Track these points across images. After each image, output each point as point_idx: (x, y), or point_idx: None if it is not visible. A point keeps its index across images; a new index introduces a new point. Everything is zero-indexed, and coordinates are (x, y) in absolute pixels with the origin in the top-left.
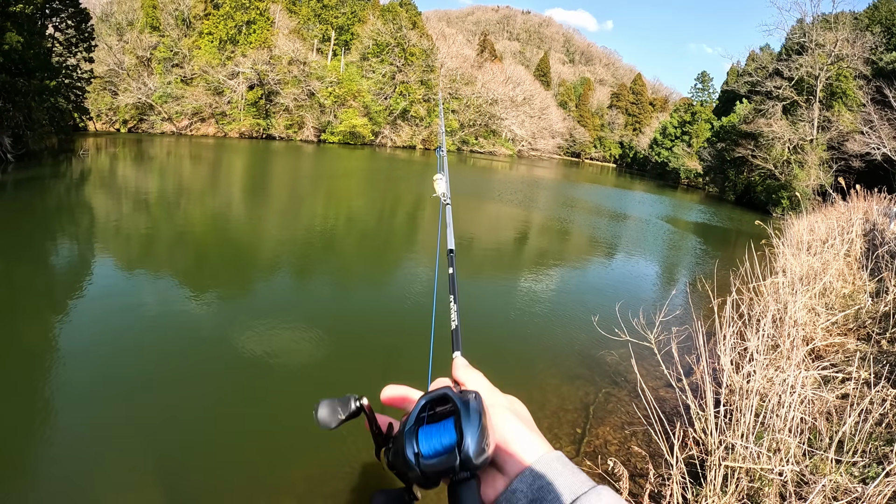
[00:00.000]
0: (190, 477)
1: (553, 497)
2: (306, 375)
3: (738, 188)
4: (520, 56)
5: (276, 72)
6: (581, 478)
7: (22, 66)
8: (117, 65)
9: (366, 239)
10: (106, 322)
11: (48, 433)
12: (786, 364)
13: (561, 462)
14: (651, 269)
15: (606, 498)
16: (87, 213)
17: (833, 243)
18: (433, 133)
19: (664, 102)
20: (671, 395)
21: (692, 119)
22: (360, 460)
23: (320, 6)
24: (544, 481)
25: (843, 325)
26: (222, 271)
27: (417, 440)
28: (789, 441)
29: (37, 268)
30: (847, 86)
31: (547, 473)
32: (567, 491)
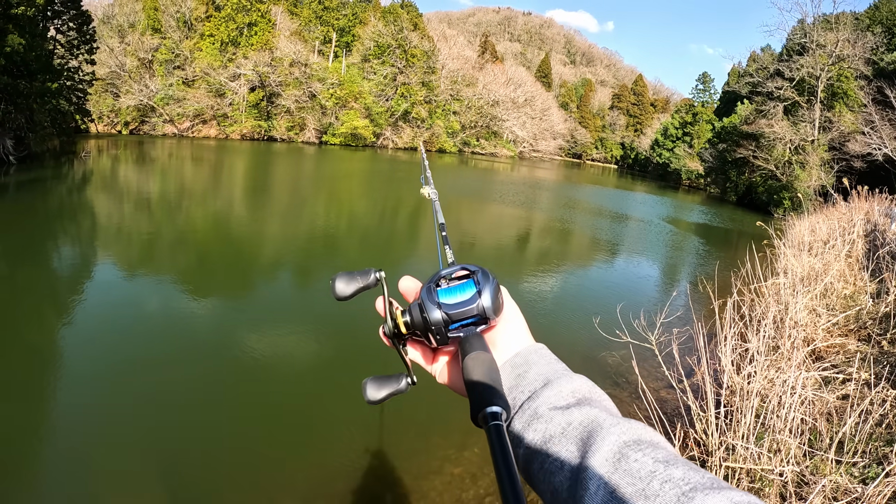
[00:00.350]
0: (192, 477)
1: (527, 383)
2: (309, 376)
3: (740, 189)
4: (521, 57)
5: (277, 73)
6: (557, 367)
7: (24, 68)
8: (119, 67)
9: (368, 240)
10: (108, 323)
11: (50, 433)
12: (786, 365)
13: (538, 354)
14: (652, 270)
15: (580, 382)
16: (89, 215)
17: (834, 244)
18: (434, 135)
19: (665, 103)
20: (672, 395)
21: (693, 120)
22: (365, 462)
23: (321, 8)
24: (521, 370)
25: (843, 325)
26: (224, 273)
27: (439, 298)
28: (790, 442)
29: (39, 270)
30: (848, 86)
31: (524, 364)
32: (541, 378)
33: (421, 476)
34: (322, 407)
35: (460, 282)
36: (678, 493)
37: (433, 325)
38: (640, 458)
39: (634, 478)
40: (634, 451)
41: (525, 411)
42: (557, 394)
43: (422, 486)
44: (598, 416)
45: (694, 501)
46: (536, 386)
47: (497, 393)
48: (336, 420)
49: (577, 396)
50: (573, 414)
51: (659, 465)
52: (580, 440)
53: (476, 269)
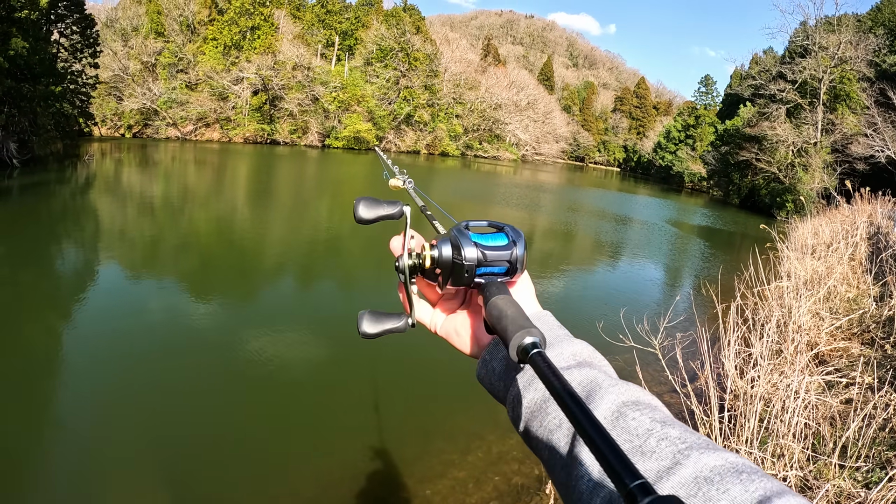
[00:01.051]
0: (195, 479)
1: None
2: (312, 379)
3: (742, 191)
4: (523, 60)
5: (280, 77)
6: (559, 332)
7: (27, 71)
8: (122, 70)
9: (371, 241)
10: (111, 326)
11: (53, 435)
12: (790, 369)
13: (542, 320)
14: (656, 274)
15: (579, 346)
16: (93, 218)
17: (837, 247)
18: (437, 138)
19: (668, 106)
20: (676, 400)
21: (696, 123)
22: (368, 465)
23: (324, 11)
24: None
25: (847, 329)
26: (228, 276)
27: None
28: (793, 446)
29: (42, 272)
30: (850, 88)
31: None
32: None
33: (425, 480)
34: (325, 409)
35: (493, 231)
36: (674, 451)
37: (467, 261)
38: (637, 416)
39: (632, 435)
40: (632, 410)
41: (526, 372)
42: (558, 355)
43: (425, 491)
44: (598, 376)
45: (689, 458)
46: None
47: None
48: (339, 423)
49: (577, 359)
50: (573, 374)
51: (656, 423)
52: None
53: (506, 226)
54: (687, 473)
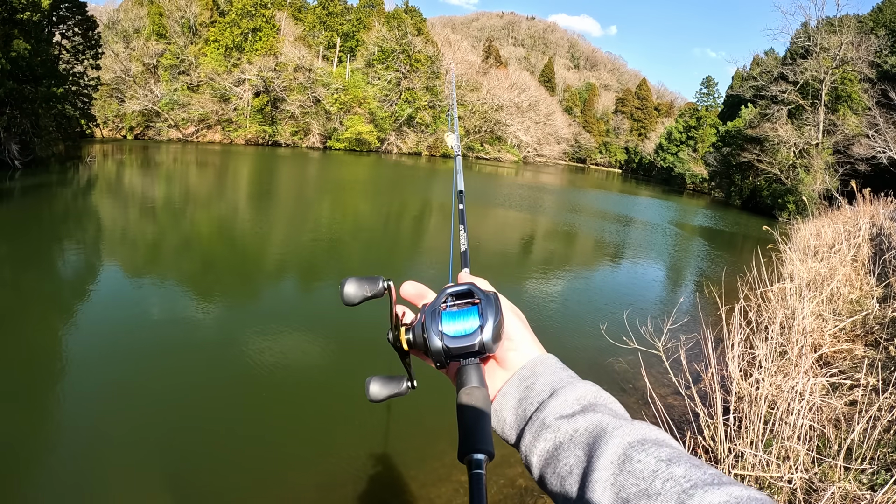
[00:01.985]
0: (198, 481)
1: (535, 394)
2: (315, 381)
3: (744, 193)
4: (524, 62)
5: (281, 79)
6: (563, 375)
7: (29, 73)
8: (124, 72)
9: (373, 244)
10: (113, 328)
11: (55, 436)
12: (794, 371)
13: (545, 364)
14: (658, 275)
15: (582, 389)
16: (94, 220)
17: (840, 248)
18: (438, 140)
19: (669, 107)
20: (679, 402)
21: (697, 124)
22: (371, 469)
23: (326, 13)
24: (529, 382)
25: (850, 331)
26: (230, 278)
27: (442, 323)
28: (798, 448)
29: (44, 274)
30: (852, 89)
31: (531, 375)
32: (548, 388)
33: (428, 483)
34: (327, 411)
35: (465, 306)
36: (679, 491)
37: (433, 353)
38: (643, 458)
39: (637, 478)
40: (638, 452)
41: (534, 422)
42: (563, 403)
43: (429, 494)
44: (602, 420)
45: (694, 498)
46: (543, 396)
47: (483, 438)
48: (341, 425)
49: (581, 403)
50: (578, 421)
51: (661, 463)
52: (587, 445)
53: (481, 297)
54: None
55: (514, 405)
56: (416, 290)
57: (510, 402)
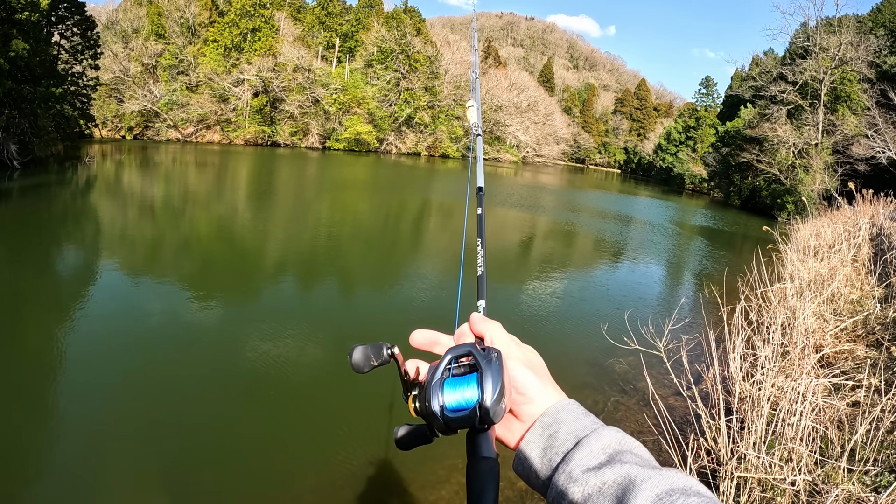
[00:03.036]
0: (197, 485)
1: (559, 444)
2: (315, 382)
3: (743, 193)
4: (524, 62)
5: (280, 79)
6: (586, 422)
7: (28, 73)
8: (123, 72)
9: (372, 243)
10: (112, 328)
11: (55, 437)
12: (796, 372)
13: (567, 411)
14: (659, 276)
15: (607, 437)
16: (93, 220)
17: (840, 248)
18: (437, 140)
19: (668, 108)
20: (681, 403)
21: (696, 124)
22: (371, 471)
23: (325, 13)
24: (552, 430)
25: (851, 331)
26: (230, 278)
27: (443, 393)
28: (801, 450)
29: (43, 274)
30: (851, 89)
31: (553, 423)
32: (572, 436)
33: (428, 485)
34: (327, 413)
35: (465, 372)
36: None
37: (437, 427)
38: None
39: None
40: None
41: (561, 474)
42: (588, 454)
43: (428, 496)
44: (631, 471)
45: None
46: (568, 447)
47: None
48: (342, 426)
49: (607, 453)
50: (606, 474)
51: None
52: (616, 498)
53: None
54: None
55: (538, 454)
56: (426, 339)
57: (534, 451)
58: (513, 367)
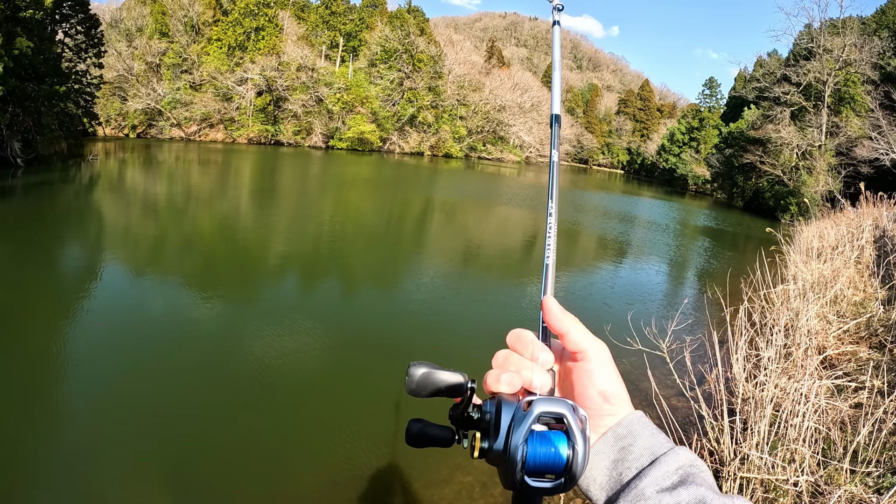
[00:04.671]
0: (198, 484)
1: (634, 458)
2: (317, 382)
3: (747, 194)
4: (527, 62)
5: (284, 78)
6: (660, 439)
7: (32, 71)
8: (126, 70)
9: (375, 241)
10: (115, 326)
11: (57, 433)
12: (799, 373)
13: (641, 423)
14: (662, 276)
15: (684, 457)
16: (97, 218)
17: (843, 250)
18: (441, 140)
19: (672, 108)
20: (684, 404)
21: (700, 125)
22: (373, 469)
23: (328, 13)
24: (626, 442)
25: (854, 333)
26: (233, 277)
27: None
28: (804, 451)
29: (46, 271)
30: (855, 91)
31: (628, 435)
32: (648, 452)
33: (431, 485)
34: (329, 411)
35: (555, 427)
36: None
37: (506, 483)
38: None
39: None
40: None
41: (631, 490)
42: (664, 473)
43: (432, 495)
44: (705, 496)
45: None
46: (643, 463)
47: None
48: (344, 425)
49: (681, 474)
50: (681, 495)
51: None
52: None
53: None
54: None
55: (608, 466)
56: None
57: (604, 462)
58: (606, 371)
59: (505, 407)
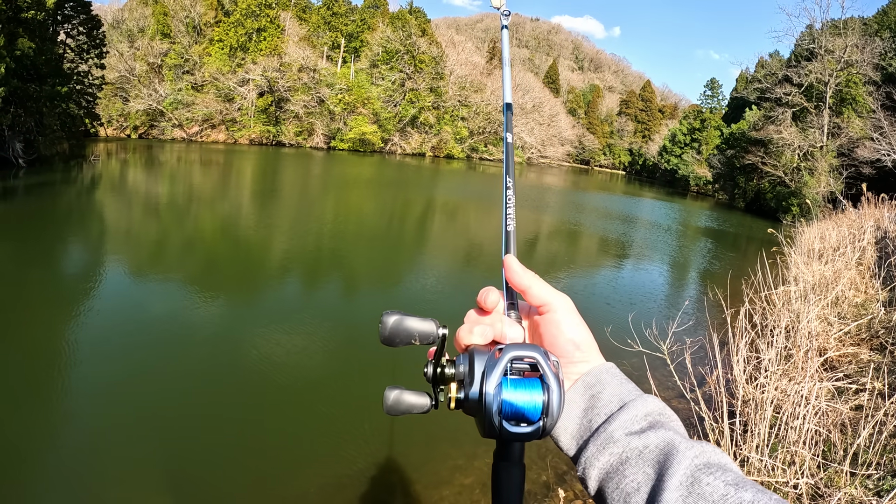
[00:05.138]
0: (200, 484)
1: (603, 404)
2: (318, 383)
3: (748, 195)
4: (529, 63)
5: (286, 79)
6: (629, 387)
7: (34, 71)
8: (128, 71)
9: (377, 241)
10: (117, 327)
11: (59, 433)
12: (799, 375)
13: (611, 373)
14: (663, 277)
15: (653, 404)
16: (99, 219)
17: (844, 251)
18: (442, 140)
19: (673, 109)
20: (684, 405)
21: (701, 126)
22: (374, 470)
23: (330, 14)
24: (595, 390)
25: (855, 334)
26: (234, 276)
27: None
28: (804, 453)
29: (48, 271)
30: (857, 92)
31: (597, 384)
32: (616, 399)
33: (430, 486)
34: (330, 412)
35: (529, 375)
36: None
37: (485, 431)
38: (711, 481)
39: (707, 501)
40: (706, 475)
41: (600, 434)
42: (632, 417)
43: (431, 497)
44: (673, 438)
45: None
46: (612, 409)
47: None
48: (344, 426)
49: (649, 420)
50: (649, 437)
51: (730, 488)
52: (656, 463)
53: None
54: None
55: (578, 414)
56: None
57: (574, 411)
58: (572, 320)
59: (478, 357)
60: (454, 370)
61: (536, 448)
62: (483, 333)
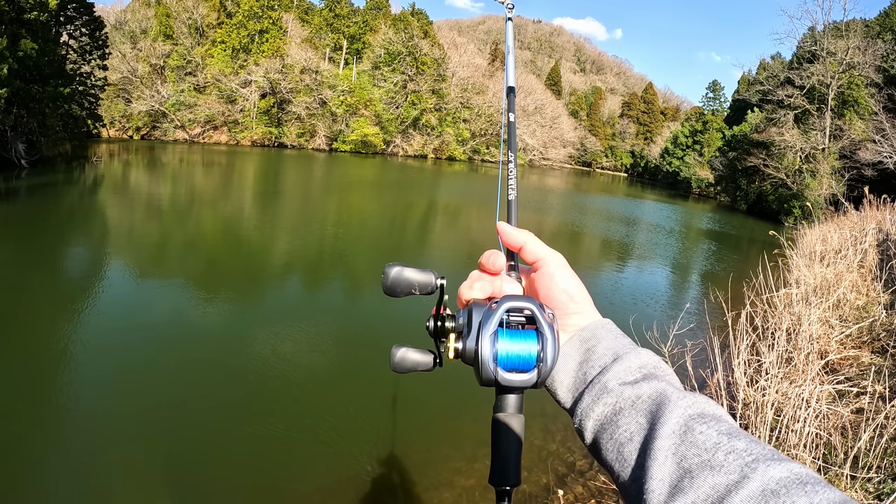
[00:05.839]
0: (201, 483)
1: (597, 357)
2: (319, 383)
3: (750, 197)
4: (531, 65)
5: (288, 80)
6: (625, 342)
7: (36, 72)
8: (131, 72)
9: (379, 243)
10: (119, 327)
11: (60, 433)
12: (800, 378)
13: (606, 329)
14: (665, 280)
15: (647, 357)
16: (101, 219)
17: (846, 254)
18: (444, 142)
19: (675, 111)
20: None
21: (703, 128)
22: (374, 472)
23: (332, 15)
24: (590, 344)
25: (857, 337)
26: (236, 278)
27: (497, 341)
28: (804, 456)
29: (50, 272)
30: (859, 94)
31: (592, 338)
32: (611, 352)
33: (431, 488)
34: (331, 414)
35: (524, 327)
36: (741, 464)
37: (483, 380)
38: (704, 430)
39: (700, 449)
40: (699, 424)
41: (595, 385)
42: (626, 369)
43: (432, 498)
44: (666, 389)
45: (756, 472)
46: (606, 361)
47: (517, 470)
48: (345, 428)
49: (643, 371)
50: (642, 388)
51: (723, 436)
52: (649, 412)
53: (546, 330)
54: (755, 487)
55: (573, 367)
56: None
57: (570, 365)
58: (565, 272)
59: (476, 309)
60: (454, 323)
61: (537, 450)
62: (483, 289)
